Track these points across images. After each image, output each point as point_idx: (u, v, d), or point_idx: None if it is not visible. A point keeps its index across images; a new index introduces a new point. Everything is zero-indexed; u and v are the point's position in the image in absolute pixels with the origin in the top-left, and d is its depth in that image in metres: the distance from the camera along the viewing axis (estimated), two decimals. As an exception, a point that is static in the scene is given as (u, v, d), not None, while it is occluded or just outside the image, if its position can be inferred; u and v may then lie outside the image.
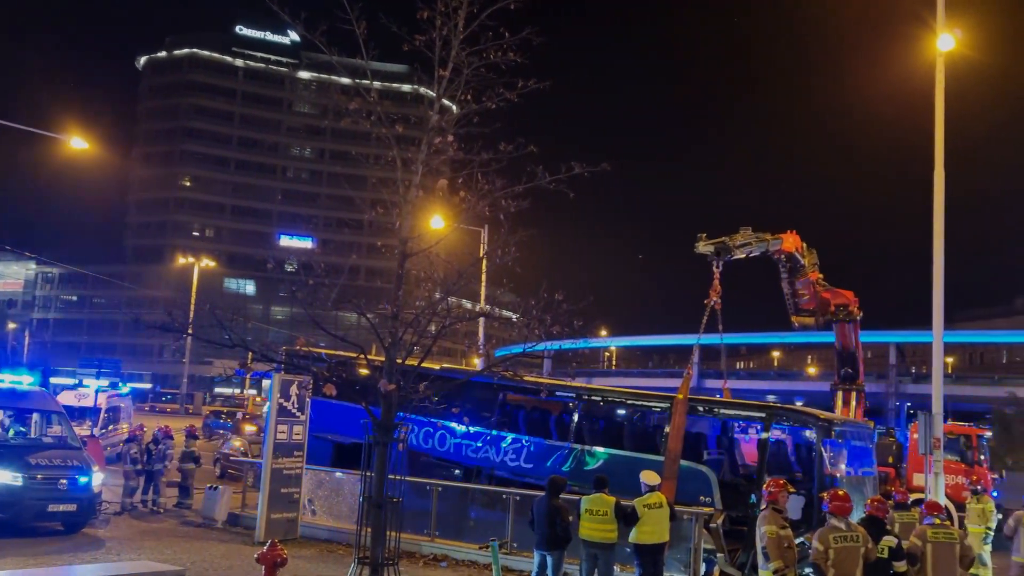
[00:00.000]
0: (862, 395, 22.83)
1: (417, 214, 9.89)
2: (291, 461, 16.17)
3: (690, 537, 13.67)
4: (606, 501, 11.86)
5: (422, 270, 10.07)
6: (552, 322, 9.31)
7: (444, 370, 16.98)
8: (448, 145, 9.59)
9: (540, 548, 11.96)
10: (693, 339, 20.84)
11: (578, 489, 13.66)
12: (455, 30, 9.29)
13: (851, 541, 9.32)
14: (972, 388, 60.92)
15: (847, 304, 22.26)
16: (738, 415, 17.94)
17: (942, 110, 17.99)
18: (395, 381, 9.16)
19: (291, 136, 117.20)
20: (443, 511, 15.97)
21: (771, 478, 11.49)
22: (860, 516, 11.07)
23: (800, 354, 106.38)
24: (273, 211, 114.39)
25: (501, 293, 20.12)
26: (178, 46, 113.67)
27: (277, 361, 11.11)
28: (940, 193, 18.10)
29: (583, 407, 17.44)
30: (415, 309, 9.71)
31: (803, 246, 21.45)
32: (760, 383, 70.20)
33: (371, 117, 9.81)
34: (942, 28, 18.05)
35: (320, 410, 17.46)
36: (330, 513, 16.93)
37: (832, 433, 14.97)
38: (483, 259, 10.96)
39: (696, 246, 18.91)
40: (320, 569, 13.87)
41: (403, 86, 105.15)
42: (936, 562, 10.14)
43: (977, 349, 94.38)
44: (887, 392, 60.00)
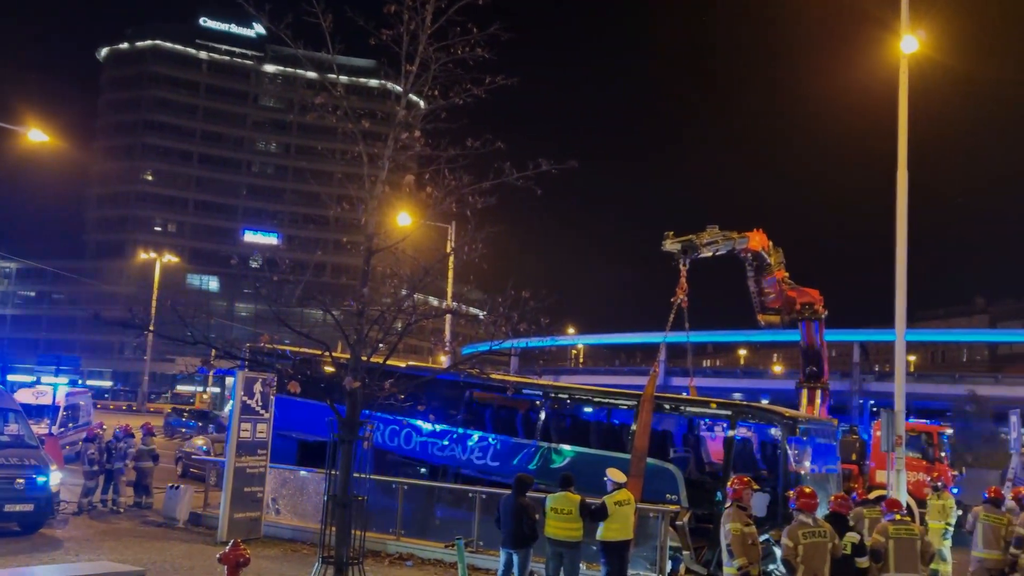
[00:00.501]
0: (826, 393, 23.07)
1: (383, 210, 9.79)
2: (255, 460, 15.98)
3: (656, 535, 13.71)
4: (571, 500, 11.84)
5: (388, 267, 9.97)
6: (519, 320, 9.26)
7: (410, 368, 16.87)
8: (415, 141, 9.50)
9: (506, 546, 11.92)
10: (660, 337, 20.97)
11: (545, 487, 13.63)
12: (423, 25, 9.21)
13: (819, 537, 9.44)
14: (934, 386, 61.96)
15: (812, 303, 22.47)
16: (704, 413, 18.03)
17: (905, 111, 18.21)
18: (360, 379, 9.05)
19: (256, 130, 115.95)
20: (409, 510, 15.89)
21: (736, 476, 11.56)
22: (824, 513, 11.16)
23: (766, 352, 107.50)
24: (238, 206, 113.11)
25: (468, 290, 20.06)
26: (140, 37, 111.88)
27: (241, 358, 10.97)
28: (903, 194, 18.32)
29: (550, 405, 17.43)
30: (381, 306, 9.61)
31: (769, 245, 21.61)
32: (726, 381, 70.73)
33: (337, 112, 9.68)
34: (906, 30, 18.25)
35: (285, 408, 17.27)
36: (294, 512, 16.76)
37: (797, 431, 15.09)
38: (450, 256, 10.87)
39: (663, 244, 18.99)
40: (284, 569, 13.71)
41: (370, 81, 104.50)
42: (898, 557, 10.28)
43: (938, 347, 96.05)
44: (851, 390, 60.77)
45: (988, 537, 12.13)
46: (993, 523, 12.19)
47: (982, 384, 60.93)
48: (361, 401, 9.24)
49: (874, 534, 10.51)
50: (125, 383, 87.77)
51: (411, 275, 9.90)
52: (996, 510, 12.38)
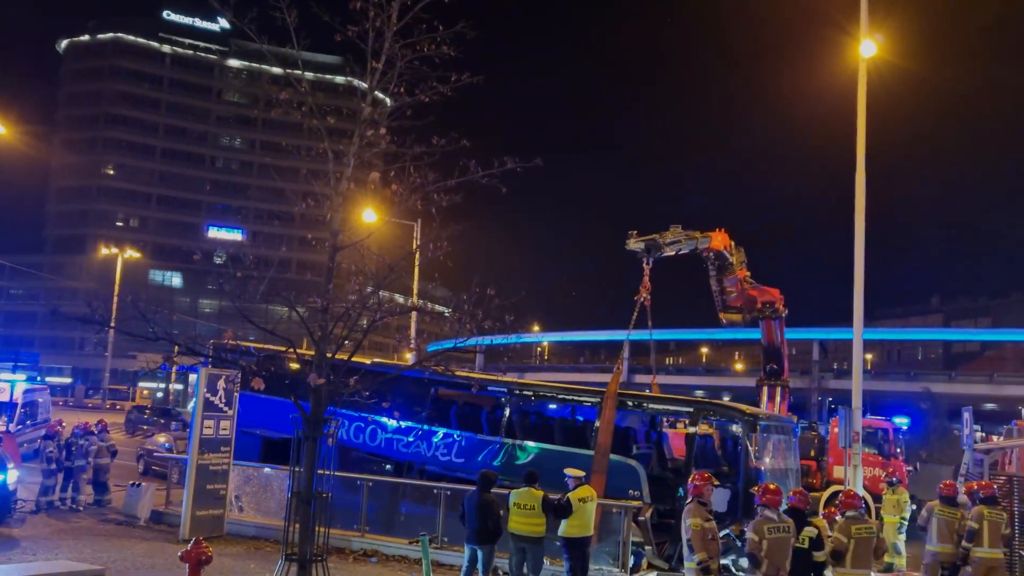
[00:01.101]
0: (786, 390, 23.39)
1: (349, 207, 9.79)
2: (218, 457, 15.89)
3: (619, 530, 13.86)
4: (534, 495, 11.94)
5: (353, 263, 9.97)
6: (484, 317, 9.32)
7: (375, 364, 16.85)
8: (380, 138, 9.51)
9: (470, 542, 11.99)
10: (623, 335, 21.14)
11: (509, 483, 13.72)
12: (388, 22, 9.22)
13: (783, 532, 9.65)
14: (890, 383, 63.08)
15: (773, 301, 22.76)
16: (667, 410, 18.23)
17: (863, 114, 18.56)
18: (325, 375, 9.06)
19: (220, 125, 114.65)
20: (374, 506, 15.90)
21: (696, 472, 11.74)
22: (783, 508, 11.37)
23: (727, 350, 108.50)
24: (201, 202, 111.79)
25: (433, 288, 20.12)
26: (102, 30, 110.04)
27: (204, 355, 10.90)
28: (861, 195, 18.67)
29: (514, 402, 17.51)
30: (346, 303, 9.62)
31: (731, 244, 21.86)
32: (689, 378, 71.40)
33: (302, 108, 9.67)
34: (865, 34, 18.60)
35: (248, 405, 17.18)
36: (258, 509, 16.69)
37: (757, 427, 15.33)
38: (416, 253, 10.90)
39: (627, 243, 19.13)
40: (247, 566, 13.66)
41: (336, 77, 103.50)
42: (855, 555, 10.53)
43: (895, 346, 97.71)
44: (810, 387, 61.62)
45: (942, 532, 12.42)
46: (947, 518, 12.49)
47: (936, 382, 62.21)
48: (326, 398, 9.24)
49: (836, 533, 10.71)
50: (85, 380, 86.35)
51: (376, 272, 9.92)
52: (950, 506, 12.68)
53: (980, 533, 12.05)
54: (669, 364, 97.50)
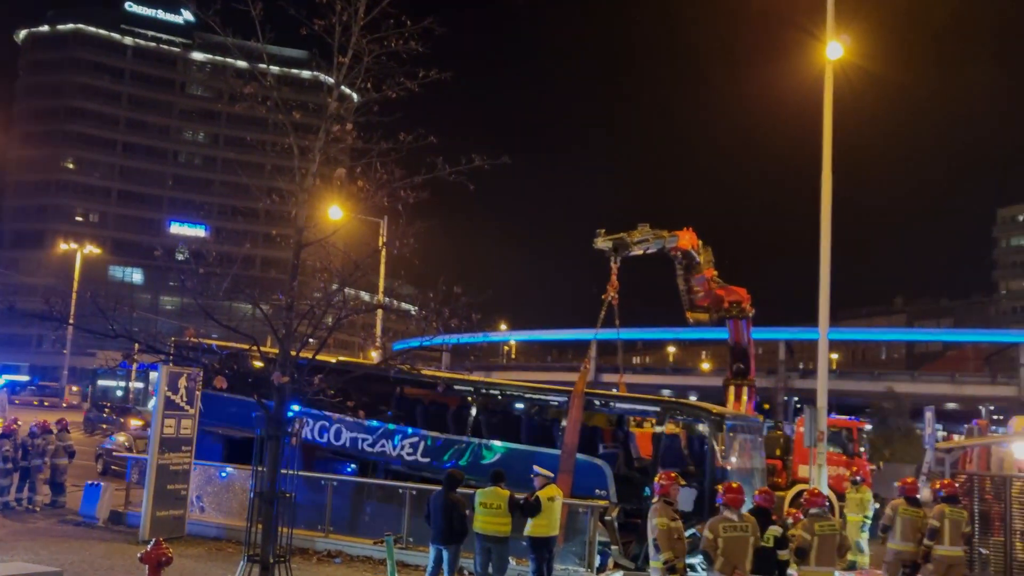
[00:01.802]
0: (753, 390, 23.52)
1: (314, 203, 9.65)
2: (179, 456, 15.64)
3: (585, 530, 13.83)
4: (500, 494, 11.88)
5: (319, 260, 9.83)
6: (450, 315, 9.23)
7: (340, 363, 16.67)
8: (347, 134, 9.38)
9: (436, 542, 11.90)
10: (591, 334, 21.12)
11: (476, 483, 13.64)
12: (355, 16, 9.09)
13: (740, 531, 9.67)
14: (854, 383, 63.90)
15: (740, 301, 22.88)
16: (634, 409, 18.24)
17: (830, 116, 18.71)
18: (289, 373, 8.91)
19: (183, 119, 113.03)
20: (338, 506, 15.73)
21: (663, 471, 11.74)
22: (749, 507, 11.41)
23: (695, 350, 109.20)
24: (163, 197, 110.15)
25: (399, 285, 19.96)
26: (62, 20, 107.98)
27: (164, 352, 10.67)
28: (827, 196, 18.82)
29: (481, 401, 17.43)
30: (311, 300, 9.48)
31: (699, 244, 21.93)
32: (656, 378, 71.82)
33: (267, 103, 9.51)
34: (831, 37, 18.75)
35: (211, 403, 16.93)
36: (220, 510, 16.45)
37: (723, 427, 15.39)
38: (382, 250, 10.78)
39: (595, 241, 19.12)
40: (208, 568, 13.44)
41: (302, 72, 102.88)
42: (819, 553, 10.60)
43: (859, 346, 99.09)
44: (776, 387, 62.27)
45: (906, 530, 12.55)
46: (912, 517, 12.61)
47: (900, 381, 63.16)
48: (289, 396, 9.10)
49: (799, 531, 10.77)
50: (43, 377, 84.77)
51: (342, 269, 9.78)
52: (914, 504, 12.81)
53: (941, 531, 12.19)
54: (636, 363, 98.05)
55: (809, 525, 10.72)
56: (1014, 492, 15.14)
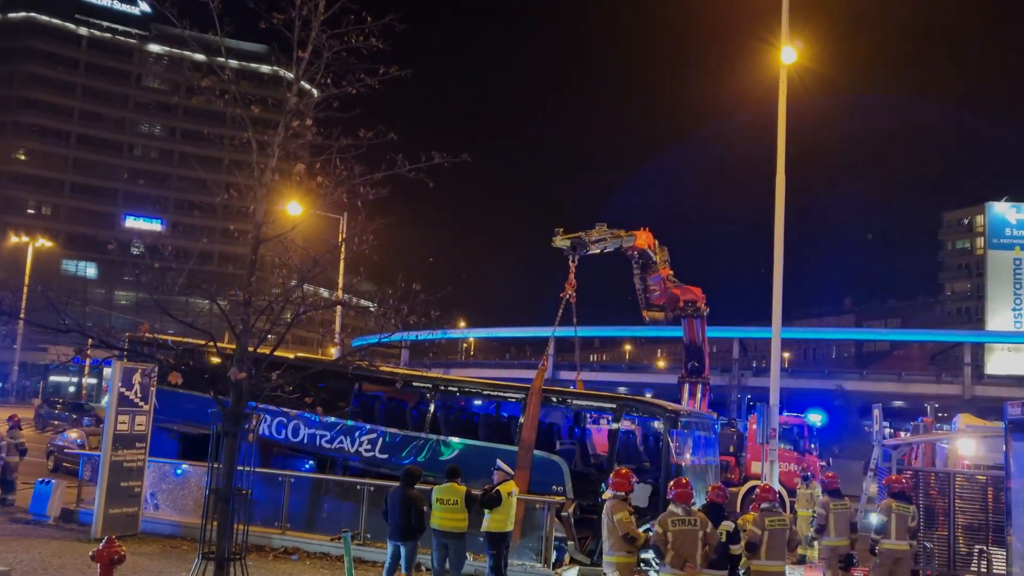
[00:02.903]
0: (707, 387, 23.88)
1: (273, 199, 9.62)
2: (132, 453, 15.45)
3: (542, 526, 13.94)
4: (457, 490, 11.94)
5: (277, 256, 9.80)
6: (409, 312, 9.26)
7: (299, 359, 16.61)
8: (306, 129, 9.37)
9: (393, 538, 11.93)
10: (548, 331, 21.26)
11: (433, 479, 13.69)
12: (315, 10, 9.08)
13: (689, 525, 9.87)
14: (806, 381, 64.94)
15: (695, 300, 23.20)
16: (590, 406, 18.41)
17: (784, 119, 19.05)
18: (246, 369, 8.88)
19: (139, 112, 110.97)
20: (295, 503, 15.67)
21: (617, 468, 11.90)
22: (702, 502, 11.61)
23: (650, 348, 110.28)
24: (118, 190, 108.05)
25: (358, 282, 19.88)
26: (14, 8, 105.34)
27: (118, 348, 10.56)
28: (780, 199, 19.16)
29: (439, 398, 17.47)
30: (269, 296, 9.45)
31: (655, 243, 22.19)
32: (612, 375, 72.31)
33: (225, 96, 9.45)
34: (786, 41, 19.09)
35: (166, 400, 16.75)
36: (175, 507, 16.28)
37: (678, 424, 15.60)
38: (341, 246, 10.78)
39: (553, 240, 19.25)
40: (161, 566, 13.31)
41: (262, 67, 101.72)
42: (770, 547, 10.82)
43: (811, 345, 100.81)
44: (730, 385, 63.07)
45: (839, 525, 12.84)
46: (842, 510, 12.92)
47: (849, 380, 64.39)
48: (247, 392, 9.07)
49: (750, 526, 10.97)
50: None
51: (300, 265, 9.77)
52: (840, 498, 13.12)
53: (888, 526, 12.49)
54: (594, 361, 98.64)
55: (760, 520, 10.94)
56: (958, 487, 15.58)
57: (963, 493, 15.55)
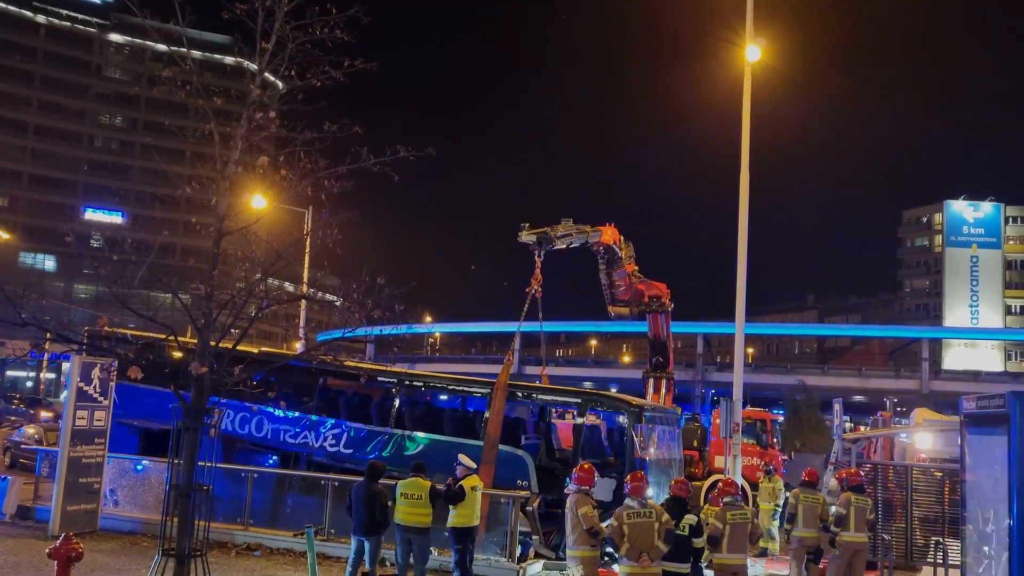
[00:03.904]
0: (671, 382, 24.06)
1: (236, 192, 9.50)
2: (91, 449, 15.22)
3: (507, 520, 13.97)
4: (421, 485, 11.92)
5: (240, 250, 9.69)
6: (373, 306, 9.21)
7: (262, 353, 16.47)
8: (270, 121, 9.27)
9: (357, 533, 11.89)
10: (514, 326, 21.31)
11: (398, 474, 13.65)
12: (279, 1, 8.98)
13: (644, 517, 9.99)
14: (768, 376, 65.83)
15: (660, 296, 23.35)
16: (555, 401, 18.47)
17: (748, 117, 19.23)
18: (207, 364, 8.78)
19: (100, 102, 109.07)
20: (258, 498, 15.54)
21: (581, 462, 11.96)
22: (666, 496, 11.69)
23: (616, 343, 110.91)
24: (78, 182, 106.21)
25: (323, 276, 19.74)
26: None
27: (77, 342, 10.39)
28: (745, 196, 19.35)
29: (404, 392, 17.42)
30: (232, 290, 9.34)
31: (620, 239, 22.29)
32: (578, 370, 72.63)
33: (187, 87, 9.32)
34: (750, 40, 19.27)
35: (126, 395, 16.53)
36: (135, 503, 16.07)
37: (642, 418, 15.70)
38: (306, 240, 10.69)
39: (519, 235, 19.28)
40: (121, 563, 13.14)
41: (225, 58, 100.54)
42: (731, 540, 10.94)
43: (774, 340, 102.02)
44: (694, 380, 63.67)
45: (807, 517, 13.02)
46: (811, 504, 13.10)
47: (811, 375, 65.31)
48: (208, 387, 8.97)
49: (712, 520, 11.08)
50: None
51: (264, 259, 9.67)
52: (813, 491, 13.30)
53: (847, 518, 12.69)
54: (559, 356, 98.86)
55: (722, 514, 11.05)
56: (915, 481, 15.87)
57: (920, 486, 15.85)
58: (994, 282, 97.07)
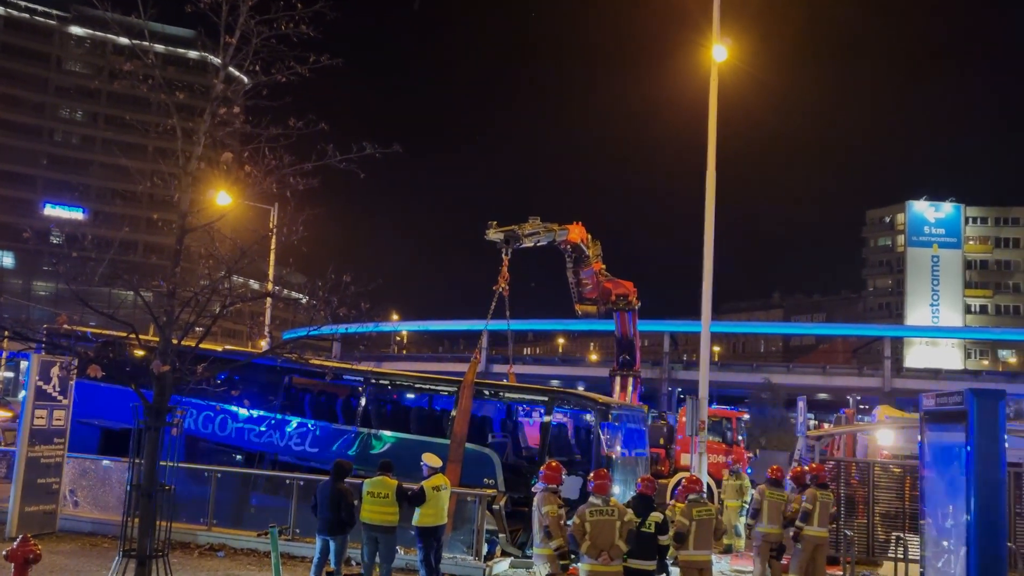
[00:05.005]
0: (638, 380, 24.19)
1: (199, 188, 9.38)
2: (50, 449, 14.96)
3: (473, 519, 13.95)
4: (388, 484, 11.87)
5: (204, 247, 9.57)
6: (339, 304, 9.14)
7: (226, 351, 16.27)
8: (234, 117, 9.16)
9: (322, 533, 11.81)
10: (481, 325, 21.28)
11: (365, 473, 13.58)
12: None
13: (607, 515, 10.00)
14: (734, 374, 66.44)
15: (627, 294, 23.45)
16: (522, 399, 18.47)
17: (715, 115, 19.36)
18: (169, 362, 8.66)
19: (60, 96, 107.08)
20: (222, 498, 15.37)
21: (548, 461, 11.97)
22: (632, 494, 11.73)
23: (583, 341, 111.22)
24: (37, 177, 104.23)
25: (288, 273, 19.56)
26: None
27: (36, 340, 10.21)
28: (711, 195, 19.47)
29: (371, 391, 17.33)
30: (195, 287, 9.22)
31: (588, 237, 22.35)
32: (545, 368, 72.77)
33: (149, 81, 9.17)
34: (717, 40, 19.41)
35: (87, 394, 16.26)
36: (96, 504, 15.83)
37: (609, 416, 15.76)
38: (272, 237, 10.58)
39: (487, 233, 19.26)
40: (80, 564, 12.93)
41: (189, 52, 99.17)
42: (697, 537, 11.02)
43: (740, 339, 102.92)
44: (661, 378, 64.08)
45: (772, 513, 13.16)
46: (776, 500, 13.24)
47: (776, 373, 66.03)
48: (170, 386, 8.85)
49: (678, 517, 11.14)
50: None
51: (228, 256, 9.55)
52: (778, 488, 13.44)
53: (812, 513, 12.85)
54: (527, 354, 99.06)
55: (687, 511, 11.13)
56: (876, 477, 16.10)
57: (881, 482, 16.08)
58: (954, 281, 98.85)
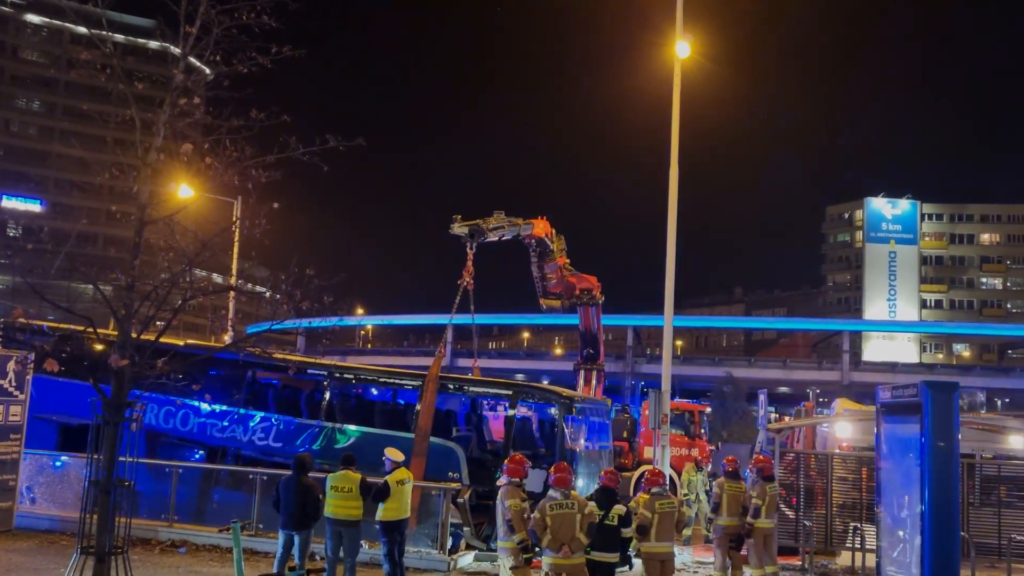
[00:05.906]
0: (602, 374, 24.30)
1: (159, 180, 9.26)
2: (6, 445, 14.73)
3: (438, 512, 13.97)
4: (351, 478, 11.84)
5: (164, 239, 9.44)
6: (302, 298, 9.08)
7: (187, 346, 16.09)
8: (195, 108, 9.05)
9: (286, 528, 11.74)
10: (446, 319, 21.26)
11: (329, 467, 13.53)
12: (203, -17, 8.76)
13: (567, 509, 10.05)
14: (697, 368, 67.02)
15: (591, 289, 23.55)
16: (487, 393, 18.51)
17: (678, 112, 19.49)
18: (128, 356, 8.55)
19: (16, 86, 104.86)
20: (183, 494, 15.24)
21: (512, 454, 12.01)
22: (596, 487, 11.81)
23: (548, 335, 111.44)
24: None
25: (251, 267, 19.37)
26: None
27: (-10, 334, 10.05)
28: (674, 190, 19.61)
29: (335, 385, 17.26)
30: (155, 281, 9.10)
31: (552, 232, 22.40)
32: (510, 362, 72.91)
33: (107, 71, 9.03)
34: (680, 36, 19.54)
35: (44, 389, 16.00)
36: (53, 501, 15.59)
37: (573, 410, 15.85)
38: (235, 230, 10.49)
39: (451, 227, 19.21)
40: (37, 562, 12.74)
41: (149, 42, 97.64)
42: (660, 529, 11.13)
43: (702, 333, 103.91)
44: (624, 371, 64.48)
45: (731, 505, 13.33)
46: (735, 492, 13.41)
47: (738, 367, 66.77)
48: (129, 380, 8.74)
49: (641, 510, 11.24)
50: None
51: (190, 249, 9.44)
52: (736, 480, 13.62)
53: (762, 508, 13.04)
54: (492, 348, 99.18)
55: (651, 503, 11.23)
56: (834, 468, 16.35)
57: (839, 473, 16.33)
58: (911, 277, 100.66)
